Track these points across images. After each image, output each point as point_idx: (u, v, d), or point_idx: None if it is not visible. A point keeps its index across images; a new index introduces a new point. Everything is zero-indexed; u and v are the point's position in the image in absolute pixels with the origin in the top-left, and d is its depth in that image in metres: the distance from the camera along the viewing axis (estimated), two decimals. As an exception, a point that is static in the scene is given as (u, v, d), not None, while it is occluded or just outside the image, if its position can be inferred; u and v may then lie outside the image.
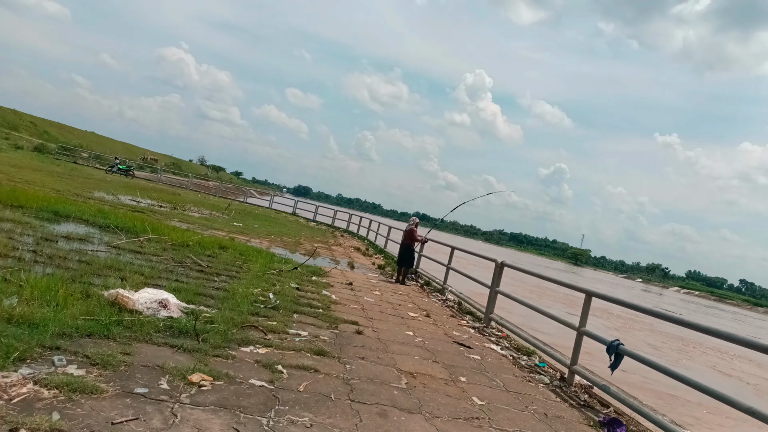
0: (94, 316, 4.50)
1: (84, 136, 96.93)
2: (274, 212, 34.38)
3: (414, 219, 13.24)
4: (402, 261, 12.78)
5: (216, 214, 20.97)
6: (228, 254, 10.22)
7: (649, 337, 21.21)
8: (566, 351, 8.84)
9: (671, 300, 69.31)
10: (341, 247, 19.49)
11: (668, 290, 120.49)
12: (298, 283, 8.87)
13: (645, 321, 26.20)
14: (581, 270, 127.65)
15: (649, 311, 5.90)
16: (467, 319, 9.44)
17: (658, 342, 20.41)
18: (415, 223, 13.04)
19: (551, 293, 28.36)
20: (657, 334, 22.42)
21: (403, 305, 9.28)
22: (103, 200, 16.22)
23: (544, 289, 28.61)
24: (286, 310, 6.63)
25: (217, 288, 7.07)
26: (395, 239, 18.55)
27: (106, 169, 36.62)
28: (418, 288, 12.44)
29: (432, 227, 13.89)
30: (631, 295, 57.00)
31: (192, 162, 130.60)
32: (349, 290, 9.56)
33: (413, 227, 12.90)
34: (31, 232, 8.11)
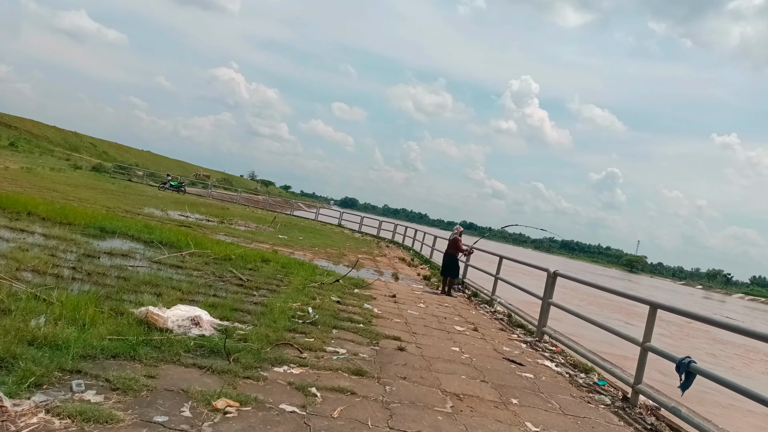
0: (122, 336, 4.32)
1: (140, 155, 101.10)
2: (320, 224, 34.48)
3: (458, 227, 12.77)
4: (446, 271, 12.32)
5: (262, 227, 21.09)
6: (270, 267, 10.06)
7: (706, 345, 19.86)
8: (627, 366, 8.18)
9: (734, 307, 65.44)
10: (386, 257, 19.17)
11: (731, 297, 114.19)
12: (339, 296, 8.58)
13: (701, 328, 24.66)
14: (637, 277, 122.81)
15: (723, 325, 5.28)
16: (518, 332, 8.90)
17: (715, 350, 19.08)
18: (459, 231, 12.57)
19: (604, 302, 27.10)
20: (714, 342, 20.97)
21: (449, 318, 8.84)
22: (152, 216, 16.52)
23: (595, 297, 27.36)
24: (324, 325, 6.33)
25: (256, 303, 6.85)
26: (441, 249, 18.12)
27: (159, 186, 37.75)
28: (465, 299, 11.95)
29: (480, 237, 13.36)
30: (689, 303, 54.13)
31: (243, 177, 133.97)
32: (392, 303, 9.20)
33: (457, 236, 12.43)
34: (74, 249, 8.16)
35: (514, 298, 12.41)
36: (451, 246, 12.37)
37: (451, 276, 12.30)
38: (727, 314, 47.22)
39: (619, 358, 11.54)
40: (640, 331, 5.92)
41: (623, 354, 12.74)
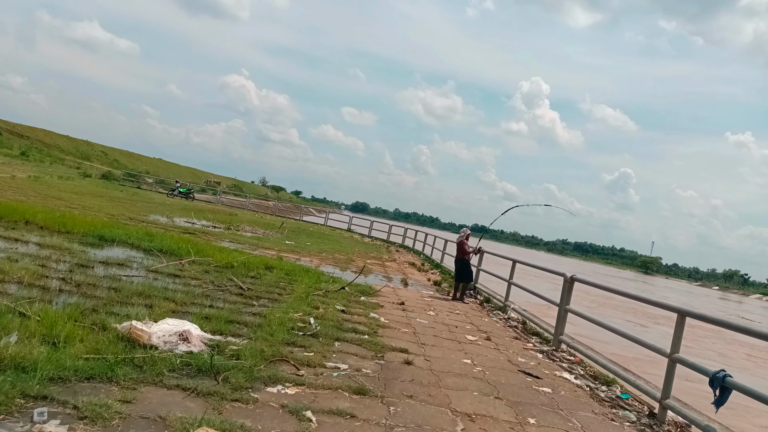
0: (100, 354, 3.95)
1: (152, 163, 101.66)
2: (329, 229, 34.14)
3: (464, 230, 12.30)
4: (459, 276, 11.88)
5: (269, 233, 20.77)
6: (273, 275, 9.70)
7: (717, 345, 19.19)
8: (652, 377, 7.68)
9: (752, 308, 64.13)
10: (395, 262, 18.75)
11: (749, 298, 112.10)
12: (344, 304, 8.18)
13: (713, 329, 23.94)
14: (652, 279, 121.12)
15: (757, 333, 4.81)
16: (533, 341, 8.43)
17: (725, 350, 18.41)
18: (465, 234, 12.10)
19: (616, 303, 26.44)
20: (726, 343, 20.27)
21: (461, 327, 8.40)
22: (157, 223, 16.25)
23: (607, 299, 26.66)
24: (326, 337, 5.93)
25: (254, 314, 6.47)
26: (452, 253, 17.68)
27: (168, 193, 37.66)
28: (477, 306, 11.49)
29: (481, 236, 12.85)
30: (703, 303, 53.02)
31: (254, 183, 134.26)
32: (400, 311, 8.78)
33: (464, 239, 11.98)
34: (68, 259, 7.84)
35: (528, 301, 11.95)
36: (458, 250, 11.94)
37: (464, 281, 11.86)
38: (745, 315, 46.16)
39: (631, 360, 11.02)
40: (656, 334, 5.47)
41: (634, 356, 12.18)
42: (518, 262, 11.20)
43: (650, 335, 19.56)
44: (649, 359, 13.18)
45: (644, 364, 10.89)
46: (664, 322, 22.47)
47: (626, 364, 10.62)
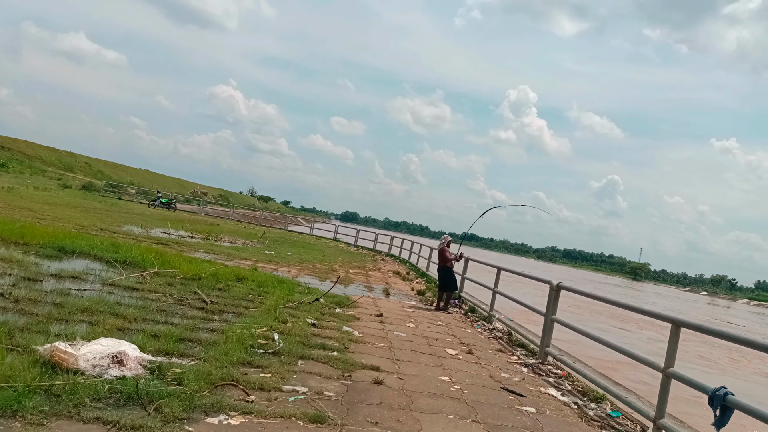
0: (9, 383, 3.40)
1: (137, 174, 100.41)
2: (314, 238, 33.55)
3: (445, 237, 11.81)
4: (442, 286, 11.39)
5: (250, 243, 20.18)
6: (243, 286, 9.15)
7: (700, 348, 18.81)
8: (645, 392, 7.21)
9: (740, 313, 64.16)
10: (379, 272, 18.23)
11: (737, 303, 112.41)
12: (317, 317, 7.65)
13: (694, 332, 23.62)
14: (641, 285, 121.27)
15: (757, 344, 4.36)
16: (518, 353, 7.94)
17: (708, 353, 18.04)
18: (446, 241, 11.61)
19: (600, 308, 26.03)
20: (710, 347, 19.91)
21: (441, 339, 7.89)
22: (129, 234, 15.62)
23: (590, 304, 26.18)
24: (289, 355, 5.39)
25: (212, 330, 5.92)
26: (436, 261, 17.21)
27: (149, 203, 36.89)
28: (461, 316, 10.99)
29: (461, 242, 12.35)
30: (690, 308, 52.88)
31: (242, 194, 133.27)
32: (377, 323, 8.25)
33: (444, 246, 11.50)
34: (16, 272, 7.25)
35: (515, 309, 11.47)
36: (441, 257, 11.46)
37: (449, 290, 11.36)
38: (733, 320, 46.02)
39: (619, 363, 10.51)
40: (638, 339, 5.00)
41: (621, 358, 11.75)
42: (503, 269, 10.72)
43: (635, 341, 19.18)
44: (628, 362, 12.80)
45: (633, 367, 10.44)
46: (649, 327, 22.12)
47: (615, 367, 10.18)
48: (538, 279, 8.63)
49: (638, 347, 18.10)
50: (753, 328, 40.83)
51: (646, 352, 17.25)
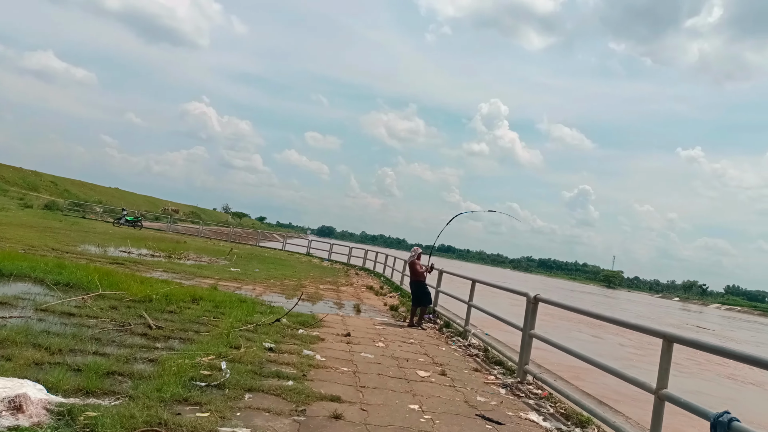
0: None
1: (107, 193, 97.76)
2: (286, 254, 32.70)
3: (415, 249, 11.25)
4: (416, 300, 10.81)
5: (216, 260, 19.33)
6: (198, 308, 8.42)
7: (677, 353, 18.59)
8: (632, 409, 6.72)
9: (712, 318, 65.09)
10: (352, 287, 17.57)
11: (708, 307, 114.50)
12: (275, 340, 6.98)
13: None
14: (615, 293, 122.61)
15: (753, 359, 3.88)
16: (496, 372, 7.39)
17: (676, 358, 17.80)
18: (416, 254, 11.06)
19: (574, 317, 25.76)
20: (676, 351, 19.72)
21: (413, 360, 7.29)
22: (84, 254, 14.69)
23: (565, 312, 25.98)
24: (236, 387, 4.72)
25: (151, 360, 5.22)
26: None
27: (114, 221, 35.59)
28: (436, 332, 10.42)
29: (430, 253, 11.82)
30: (665, 315, 53.29)
31: (216, 210, 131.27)
32: (344, 344, 7.61)
33: (415, 259, 10.95)
34: (-69, 299, 6.42)
35: (492, 321, 10.94)
36: (412, 271, 10.91)
37: (423, 305, 10.79)
38: (706, 325, 46.42)
39: (592, 376, 10.03)
40: (609, 344, 4.49)
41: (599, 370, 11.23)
42: (478, 281, 10.19)
43: (606, 347, 18.85)
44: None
45: (616, 379, 9.92)
46: (620, 333, 21.83)
47: (596, 380, 9.67)
48: (514, 291, 8.11)
49: (609, 354, 17.81)
50: (722, 332, 41.21)
51: (616, 358, 16.86)
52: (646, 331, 4.61)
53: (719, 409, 3.81)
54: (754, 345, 32.72)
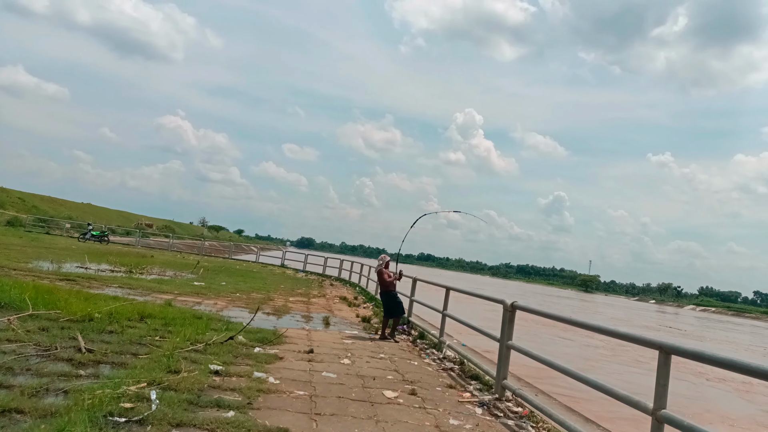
0: None
1: (78, 208, 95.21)
2: (259, 266, 31.74)
3: (383, 257, 10.58)
4: (388, 312, 10.13)
5: (181, 274, 18.40)
6: (145, 327, 7.62)
7: (633, 354, 18.23)
8: (623, 427, 6.13)
9: (687, 319, 65.66)
10: (324, 298, 16.81)
11: (683, 309, 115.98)
12: (226, 361, 6.24)
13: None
14: (592, 296, 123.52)
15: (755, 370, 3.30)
16: (472, 387, 6.74)
17: (638, 358, 17.45)
18: (384, 262, 10.39)
19: (550, 322, 25.35)
20: (638, 351, 19.37)
21: (380, 378, 6.60)
22: (32, 270, 13.70)
23: (541, 317, 25.52)
24: (161, 422, 3.98)
25: (65, 391, 4.45)
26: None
27: (79, 237, 34.21)
28: (409, 344, 9.75)
29: (396, 258, 11.18)
30: (642, 317, 53.47)
31: (192, 224, 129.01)
32: (304, 363, 6.89)
33: (382, 267, 10.29)
34: None
35: (469, 330, 10.31)
36: (380, 281, 10.25)
37: (395, 317, 10.11)
38: (679, 326, 46.56)
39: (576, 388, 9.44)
40: (579, 347, 3.89)
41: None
42: (452, 289, 9.56)
43: (576, 350, 18.37)
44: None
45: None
46: (589, 334, 21.42)
47: (581, 389, 9.09)
48: (490, 299, 7.49)
49: (578, 355, 17.31)
50: (693, 332, 41.35)
51: (586, 358, 16.30)
52: (641, 341, 3.99)
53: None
54: (725, 343, 32.76)
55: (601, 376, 4.90)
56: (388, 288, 10.09)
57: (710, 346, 29.37)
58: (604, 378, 5.09)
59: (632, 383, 12.67)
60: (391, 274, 10.34)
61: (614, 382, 4.61)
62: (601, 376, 5.66)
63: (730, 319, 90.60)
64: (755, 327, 69.09)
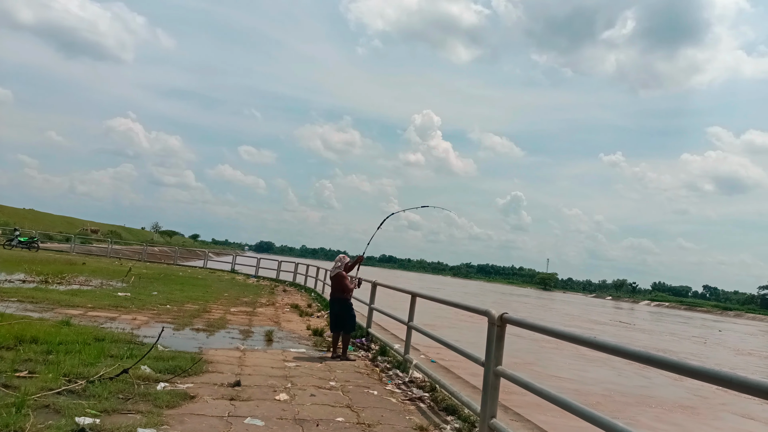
0: None
1: (17, 214, 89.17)
2: (207, 272, 29.41)
3: (341, 257, 8.84)
4: (338, 324, 8.42)
5: (109, 283, 16.18)
6: (13, 356, 5.68)
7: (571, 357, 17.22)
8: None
9: (644, 315, 66.48)
10: (273, 307, 14.95)
11: (639, 305, 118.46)
12: (107, 407, 4.41)
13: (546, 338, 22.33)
14: (551, 294, 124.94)
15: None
16: (449, 427, 5.12)
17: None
18: (343, 263, 8.68)
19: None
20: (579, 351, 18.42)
21: (327, 420, 4.89)
22: None
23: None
24: None
25: None
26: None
27: (4, 244, 31.04)
28: (368, 363, 8.08)
29: (357, 266, 9.41)
30: (600, 313, 53.48)
31: (144, 229, 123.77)
32: (224, 403, 5.11)
33: (341, 271, 8.57)
34: None
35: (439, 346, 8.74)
36: (337, 286, 8.52)
37: (346, 331, 8.40)
38: (639, 323, 46.67)
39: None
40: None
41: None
42: (419, 296, 7.91)
43: (578, 362, 17.21)
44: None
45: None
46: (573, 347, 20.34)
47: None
48: (469, 309, 5.86)
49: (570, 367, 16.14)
50: (641, 325, 41.30)
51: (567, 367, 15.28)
52: (654, 363, 2.42)
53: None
54: (663, 333, 32.50)
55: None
56: (344, 295, 8.39)
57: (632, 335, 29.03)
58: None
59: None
60: (352, 279, 8.67)
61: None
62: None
63: (682, 313, 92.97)
64: (704, 320, 70.72)
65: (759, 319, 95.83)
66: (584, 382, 14.31)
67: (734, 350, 30.33)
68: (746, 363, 24.44)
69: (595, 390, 13.29)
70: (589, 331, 30.09)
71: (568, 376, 14.68)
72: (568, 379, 14.34)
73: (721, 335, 42.32)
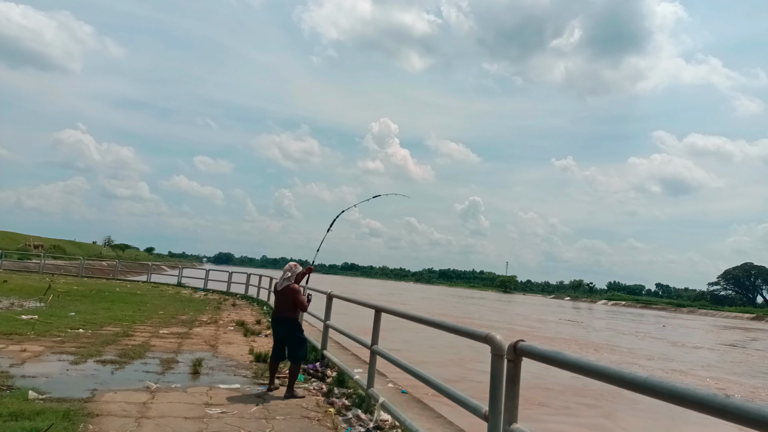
0: None
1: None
2: (150, 287, 26.86)
3: (291, 266, 6.99)
4: (281, 351, 6.59)
5: (25, 303, 13.81)
6: None
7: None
8: None
9: (602, 315, 66.65)
10: (215, 324, 12.93)
11: (596, 304, 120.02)
12: None
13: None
14: (512, 297, 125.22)
15: None
16: None
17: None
18: (293, 273, 6.82)
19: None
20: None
21: None
22: None
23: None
24: None
25: None
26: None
27: None
28: (321, 399, 6.28)
29: (306, 278, 7.59)
30: (557, 313, 53.12)
31: (95, 243, 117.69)
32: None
33: (292, 283, 6.72)
34: None
35: (411, 358, 6.99)
36: (285, 302, 6.64)
37: (295, 361, 6.52)
38: (595, 322, 46.31)
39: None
40: None
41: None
42: (385, 311, 6.12)
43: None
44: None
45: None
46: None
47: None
48: (462, 332, 4.10)
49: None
50: (588, 322, 40.92)
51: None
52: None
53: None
54: (606, 330, 31.97)
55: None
56: (293, 315, 6.56)
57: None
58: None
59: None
60: (308, 293, 6.87)
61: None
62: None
63: (638, 311, 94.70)
64: (657, 317, 71.71)
65: (711, 314, 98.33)
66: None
67: (670, 343, 30.25)
68: (673, 353, 24.20)
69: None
70: (537, 329, 29.23)
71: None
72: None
73: (664, 330, 42.99)
